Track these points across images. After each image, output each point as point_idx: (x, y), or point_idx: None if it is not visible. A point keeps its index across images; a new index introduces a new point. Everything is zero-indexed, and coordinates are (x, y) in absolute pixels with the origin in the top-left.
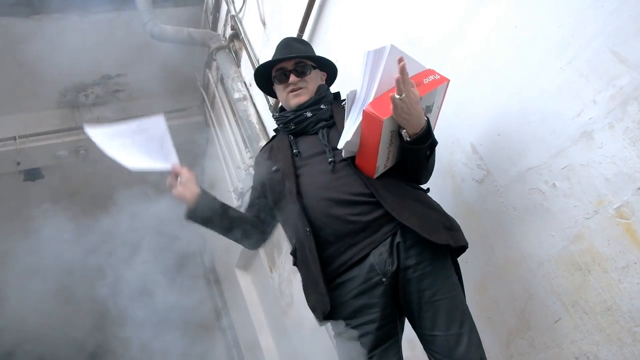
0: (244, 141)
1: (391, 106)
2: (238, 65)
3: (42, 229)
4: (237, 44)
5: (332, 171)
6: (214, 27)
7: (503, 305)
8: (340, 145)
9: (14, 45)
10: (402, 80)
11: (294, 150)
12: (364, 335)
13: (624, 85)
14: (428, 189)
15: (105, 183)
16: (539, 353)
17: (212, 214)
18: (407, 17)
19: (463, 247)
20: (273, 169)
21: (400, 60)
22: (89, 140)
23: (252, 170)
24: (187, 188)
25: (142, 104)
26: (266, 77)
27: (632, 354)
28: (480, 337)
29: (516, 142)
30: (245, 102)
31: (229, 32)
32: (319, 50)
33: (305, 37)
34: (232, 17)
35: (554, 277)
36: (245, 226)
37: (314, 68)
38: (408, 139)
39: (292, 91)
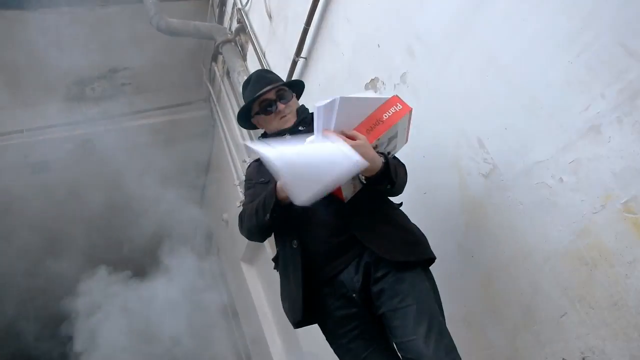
0: (249, 135)
1: None
2: (244, 58)
3: None
4: (243, 37)
5: None
6: (220, 21)
7: (509, 300)
8: None
9: (21, 38)
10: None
11: None
12: (352, 341)
13: (633, 79)
14: (400, 204)
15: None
16: (544, 347)
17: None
18: (415, 10)
19: (430, 259)
20: (261, 180)
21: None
22: (95, 133)
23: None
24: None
25: (148, 97)
26: (245, 111)
27: (639, 349)
28: (486, 330)
29: (523, 136)
30: None
31: (235, 25)
32: (326, 45)
33: (311, 31)
34: (239, 10)
35: (560, 271)
36: None
37: (290, 92)
38: (364, 181)
39: (281, 118)
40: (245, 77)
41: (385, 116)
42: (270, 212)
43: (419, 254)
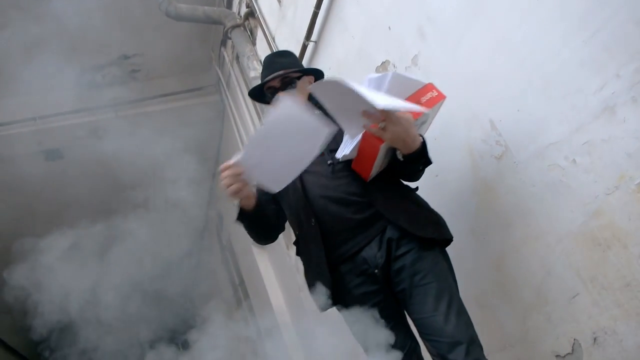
0: (259, 119)
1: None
2: (253, 43)
3: None
4: (252, 22)
5: (332, 173)
6: (229, 5)
7: (520, 281)
8: (338, 155)
9: (31, 25)
10: (390, 121)
11: None
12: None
13: None
14: (417, 188)
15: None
16: (555, 328)
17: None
18: None
19: (448, 240)
20: None
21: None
22: (106, 120)
23: None
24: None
25: (159, 83)
26: (259, 93)
27: None
28: (497, 312)
29: (536, 118)
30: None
31: (244, 10)
32: (336, 29)
33: (321, 14)
34: None
35: (573, 253)
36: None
37: (300, 78)
38: (401, 158)
39: None
40: (255, 62)
41: (423, 99)
42: (237, 219)
43: (442, 232)
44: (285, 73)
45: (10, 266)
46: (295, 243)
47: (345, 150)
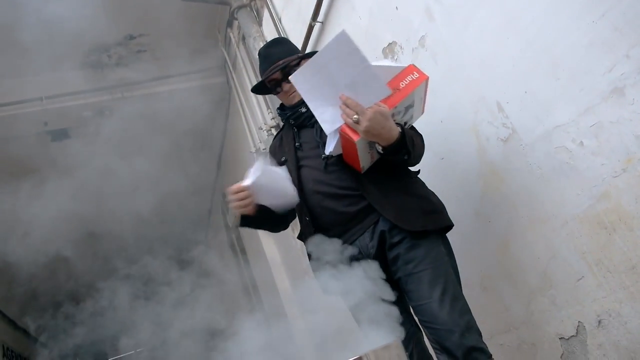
0: (265, 102)
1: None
2: (260, 24)
3: None
4: (258, 2)
5: (325, 167)
6: None
7: (525, 264)
8: (326, 152)
9: (38, 5)
10: (361, 115)
11: (296, 144)
12: None
13: None
14: (418, 171)
15: None
16: (560, 310)
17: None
18: None
19: (448, 227)
20: (282, 159)
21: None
22: (112, 100)
23: (273, 131)
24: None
25: (165, 64)
26: (265, 86)
27: None
28: (502, 295)
29: (543, 100)
30: None
31: None
32: (343, 9)
33: None
34: None
35: (578, 235)
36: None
37: (299, 64)
38: (380, 151)
39: (289, 95)
40: (262, 43)
41: (402, 84)
42: (240, 225)
43: (435, 222)
44: (284, 63)
45: None
46: (298, 237)
47: (329, 147)
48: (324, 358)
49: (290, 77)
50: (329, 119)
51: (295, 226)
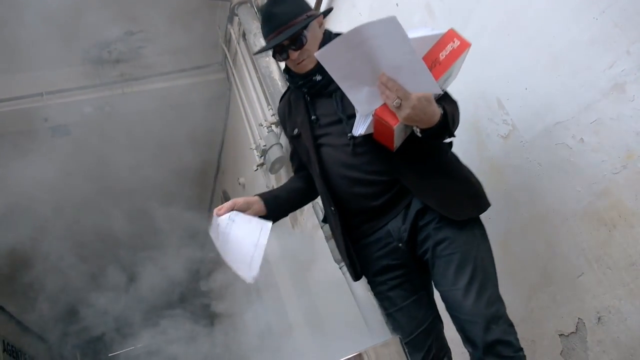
0: (266, 98)
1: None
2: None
3: None
4: None
5: (352, 148)
6: None
7: (525, 261)
8: (354, 133)
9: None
10: (403, 99)
11: (312, 117)
12: (392, 289)
13: None
14: (451, 144)
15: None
16: (560, 307)
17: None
18: None
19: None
20: (295, 132)
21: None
22: (113, 96)
23: (274, 128)
24: (253, 210)
25: (165, 60)
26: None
27: None
28: (502, 291)
29: (544, 96)
30: (267, 59)
31: None
32: (343, 6)
33: None
34: None
35: (578, 232)
36: (306, 194)
37: (306, 27)
38: (419, 134)
39: (297, 64)
40: (262, 40)
41: (442, 55)
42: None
43: (480, 208)
44: (291, 31)
45: None
46: (323, 221)
47: (360, 128)
48: (324, 355)
49: (316, 54)
50: (365, 99)
51: (295, 223)
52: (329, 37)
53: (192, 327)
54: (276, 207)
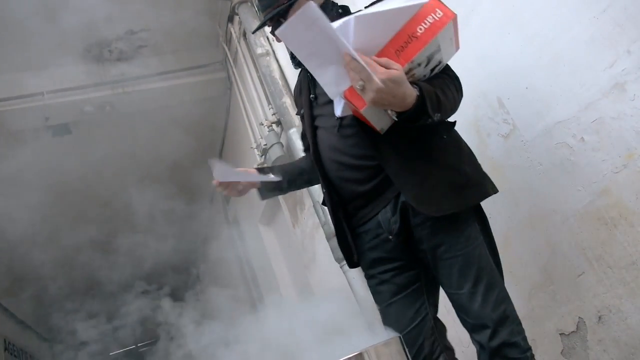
0: (266, 97)
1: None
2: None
3: None
4: None
5: (338, 129)
6: None
7: (526, 260)
8: (336, 114)
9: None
10: (366, 82)
11: (311, 96)
12: (382, 284)
13: None
14: (454, 123)
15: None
16: (560, 306)
17: (279, 189)
18: None
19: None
20: (301, 111)
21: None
22: (113, 95)
23: (274, 127)
24: (246, 188)
25: (165, 59)
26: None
27: None
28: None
29: (544, 96)
30: (268, 58)
31: None
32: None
33: None
34: None
35: (579, 231)
36: (310, 175)
37: (292, 4)
38: (395, 118)
39: None
40: (262, 39)
41: (420, 30)
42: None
43: (467, 200)
44: (272, 13)
45: None
46: (322, 203)
47: (337, 110)
48: (325, 355)
49: (276, 32)
50: (332, 80)
51: (296, 222)
52: (331, 8)
53: (192, 327)
54: (287, 176)
